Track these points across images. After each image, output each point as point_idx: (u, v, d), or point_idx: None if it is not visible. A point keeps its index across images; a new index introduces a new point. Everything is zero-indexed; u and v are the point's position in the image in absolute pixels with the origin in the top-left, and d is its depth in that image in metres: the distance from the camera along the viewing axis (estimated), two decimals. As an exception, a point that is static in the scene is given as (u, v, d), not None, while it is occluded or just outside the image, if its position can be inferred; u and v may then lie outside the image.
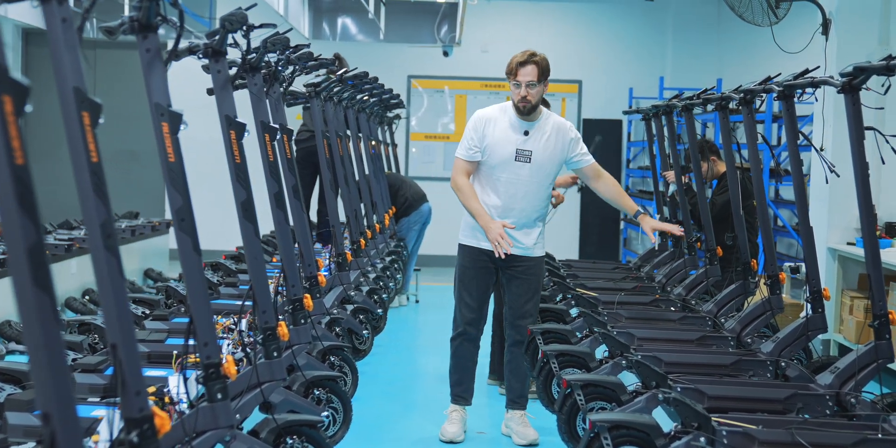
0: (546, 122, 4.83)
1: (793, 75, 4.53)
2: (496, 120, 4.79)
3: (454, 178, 4.81)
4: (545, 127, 4.82)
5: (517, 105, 4.74)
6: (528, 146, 4.76)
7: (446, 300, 9.44)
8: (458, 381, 5.10)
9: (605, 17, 12.76)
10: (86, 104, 2.07)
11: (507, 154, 4.75)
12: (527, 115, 4.77)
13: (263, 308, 3.41)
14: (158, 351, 4.50)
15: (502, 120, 4.79)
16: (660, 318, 5.70)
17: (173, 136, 2.63)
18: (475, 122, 4.81)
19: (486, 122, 4.79)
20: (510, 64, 4.72)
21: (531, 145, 4.77)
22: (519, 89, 4.69)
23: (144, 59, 2.64)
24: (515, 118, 4.79)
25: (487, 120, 4.80)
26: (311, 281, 4.72)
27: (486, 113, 4.84)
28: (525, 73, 4.67)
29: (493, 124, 4.78)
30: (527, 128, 4.79)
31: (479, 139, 4.77)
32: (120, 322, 2.10)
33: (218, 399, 2.84)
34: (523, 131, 4.78)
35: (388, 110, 10.00)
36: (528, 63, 4.68)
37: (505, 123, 4.79)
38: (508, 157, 4.75)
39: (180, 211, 2.68)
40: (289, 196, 4.46)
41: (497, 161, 4.77)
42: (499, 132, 4.77)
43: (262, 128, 4.00)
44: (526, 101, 4.70)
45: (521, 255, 4.86)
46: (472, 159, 4.80)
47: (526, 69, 4.68)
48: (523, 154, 4.76)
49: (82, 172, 2.08)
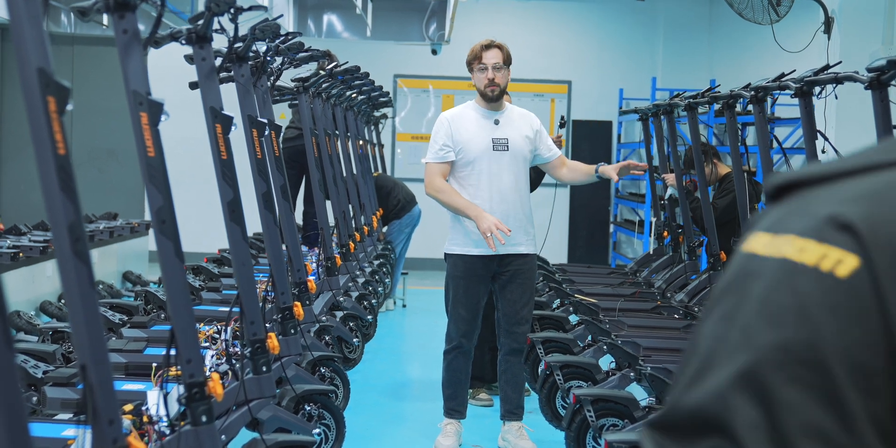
0: (512, 111, 4.74)
1: (812, 71, 4.28)
2: (463, 116, 4.67)
3: (430, 182, 4.58)
4: (512, 115, 4.72)
5: (485, 91, 4.61)
6: (503, 134, 4.63)
7: (433, 304, 9.23)
8: (452, 395, 4.85)
9: (596, 17, 12.53)
10: (51, 88, 1.79)
11: (484, 145, 4.59)
12: (494, 103, 4.65)
13: (252, 319, 3.11)
14: (136, 362, 4.19)
15: (469, 115, 4.67)
16: (664, 327, 5.46)
17: (153, 128, 2.34)
18: (441, 124, 4.66)
19: (451, 120, 4.65)
20: (472, 51, 4.64)
21: (506, 133, 4.64)
22: (485, 73, 4.58)
23: (121, 42, 2.35)
24: (483, 110, 4.67)
25: (453, 118, 4.66)
26: (301, 287, 4.43)
27: (453, 112, 4.72)
28: (490, 56, 4.59)
29: (461, 120, 4.65)
30: (496, 117, 4.67)
31: (448, 138, 4.60)
32: (91, 340, 1.82)
33: (202, 422, 2.54)
34: (494, 121, 4.65)
35: (376, 109, 9.72)
36: (492, 47, 4.62)
37: (473, 117, 4.66)
38: (486, 147, 4.59)
39: (161, 211, 2.38)
40: (276, 196, 4.18)
41: (475, 154, 4.58)
42: (469, 126, 4.63)
43: (250, 122, 3.70)
44: (494, 85, 4.59)
45: (514, 252, 4.61)
46: (445, 160, 4.59)
47: (491, 52, 4.60)
48: (500, 142, 4.61)
49: (47, 166, 1.79)
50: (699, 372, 0.78)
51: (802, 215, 0.83)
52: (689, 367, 0.80)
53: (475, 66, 4.61)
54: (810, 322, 0.76)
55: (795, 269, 0.79)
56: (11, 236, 7.61)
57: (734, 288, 0.83)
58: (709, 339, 0.81)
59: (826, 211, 0.81)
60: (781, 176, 0.89)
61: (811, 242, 0.80)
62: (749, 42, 11.50)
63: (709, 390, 0.77)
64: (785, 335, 0.76)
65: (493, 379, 5.73)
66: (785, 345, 0.76)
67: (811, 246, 0.80)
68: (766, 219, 0.87)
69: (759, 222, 0.87)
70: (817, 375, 0.74)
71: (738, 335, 0.78)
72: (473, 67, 4.63)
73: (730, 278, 0.84)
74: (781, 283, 0.79)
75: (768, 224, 0.85)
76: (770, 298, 0.79)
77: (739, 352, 0.77)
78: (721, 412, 0.75)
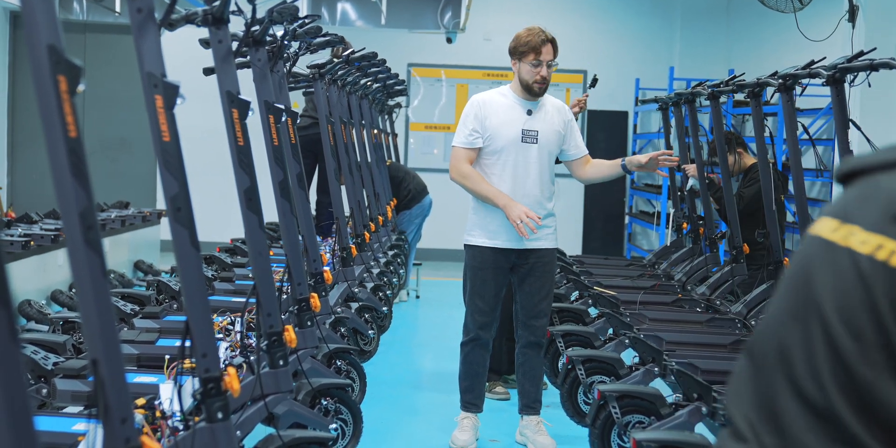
0: (546, 101, 4.57)
1: (844, 58, 4.14)
2: (496, 102, 4.51)
3: (456, 167, 4.44)
4: (546, 106, 4.56)
5: (531, 86, 4.45)
6: (534, 126, 4.48)
7: (447, 296, 9.13)
8: (469, 388, 4.74)
9: (612, 6, 12.37)
10: (62, 66, 1.68)
11: (514, 135, 4.45)
12: (537, 96, 4.49)
13: (268, 311, 3.00)
14: (149, 353, 4.11)
15: (502, 102, 4.51)
16: (686, 320, 5.35)
17: (168, 112, 2.23)
18: (474, 107, 4.48)
19: (485, 105, 4.49)
20: (527, 41, 4.42)
21: (537, 125, 4.49)
22: (540, 68, 4.41)
23: (135, 22, 2.24)
24: (518, 99, 4.50)
25: (487, 103, 4.50)
26: (317, 278, 4.32)
27: (484, 96, 4.55)
28: (548, 52, 4.43)
29: (493, 106, 4.49)
30: (530, 107, 4.51)
31: (479, 124, 4.44)
32: (103, 332, 1.72)
33: (218, 419, 2.44)
34: (527, 111, 4.50)
35: (391, 97, 9.59)
36: (549, 41, 4.44)
37: (506, 105, 4.50)
38: (515, 138, 4.45)
39: (176, 199, 2.27)
40: (293, 185, 4.07)
41: (503, 143, 4.44)
42: (502, 114, 4.48)
43: (266, 108, 3.59)
44: (544, 82, 4.44)
45: (536, 247, 4.50)
46: (474, 146, 4.45)
47: (548, 47, 4.43)
48: (529, 134, 4.47)
49: (58, 150, 1.69)
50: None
51: (867, 203, 0.91)
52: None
53: (528, 59, 4.41)
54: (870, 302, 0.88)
55: (854, 257, 0.89)
56: (23, 224, 7.56)
57: (802, 271, 0.94)
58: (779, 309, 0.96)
59: (888, 201, 0.89)
60: (851, 162, 0.96)
61: (872, 235, 0.88)
62: (768, 31, 11.33)
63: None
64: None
65: (510, 371, 5.62)
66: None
67: (871, 238, 0.88)
68: (836, 205, 0.95)
69: (829, 207, 0.96)
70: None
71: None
72: (525, 59, 4.42)
73: (799, 260, 0.95)
74: (845, 270, 0.89)
75: (836, 210, 0.94)
76: (836, 286, 0.90)
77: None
78: None
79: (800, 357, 0.92)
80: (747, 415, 0.96)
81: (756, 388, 0.96)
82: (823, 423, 0.90)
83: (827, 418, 0.90)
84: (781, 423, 0.92)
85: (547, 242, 4.56)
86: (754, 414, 0.95)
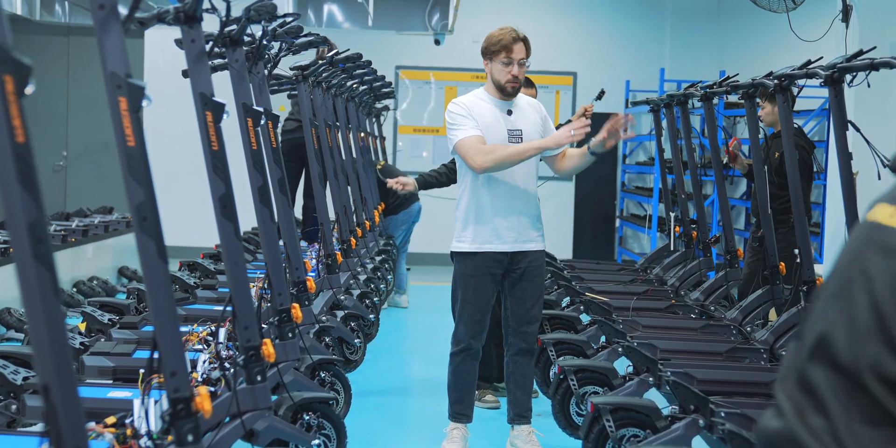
0: (521, 99, 4.48)
1: (843, 58, 4.02)
2: (478, 105, 4.39)
3: (477, 153, 4.20)
4: (522, 104, 4.46)
5: (504, 86, 4.34)
6: (517, 125, 4.39)
7: (437, 301, 8.98)
8: (459, 399, 4.60)
9: (601, 6, 12.25)
10: (8, 65, 1.53)
11: (501, 136, 4.34)
12: (511, 96, 4.39)
13: (245, 323, 2.85)
14: (125, 366, 3.96)
15: (482, 104, 4.39)
16: (680, 327, 5.23)
17: (133, 115, 2.08)
18: (460, 107, 4.36)
19: (470, 106, 4.37)
20: (498, 40, 4.31)
21: (519, 124, 4.39)
22: (511, 67, 4.30)
23: (97, 18, 2.10)
24: (495, 100, 4.40)
25: (470, 105, 4.38)
26: (299, 287, 4.17)
27: (465, 99, 4.43)
28: (520, 50, 4.31)
29: (477, 109, 4.37)
30: (508, 107, 4.41)
31: (473, 120, 4.31)
32: (54, 357, 1.57)
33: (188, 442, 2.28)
34: (507, 111, 4.40)
35: (378, 100, 9.44)
36: (520, 40, 4.33)
37: (487, 107, 4.39)
38: (502, 139, 4.34)
39: (142, 208, 2.13)
40: (274, 190, 3.92)
41: None
42: (486, 116, 4.36)
43: (245, 111, 3.44)
44: (517, 81, 4.34)
45: (529, 249, 4.38)
46: (480, 134, 4.31)
47: (519, 46, 4.32)
48: (514, 134, 4.36)
49: (4, 156, 1.54)
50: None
51: None
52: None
53: (499, 58, 4.30)
54: None
55: None
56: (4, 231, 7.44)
57: (860, 255, 0.99)
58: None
59: None
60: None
61: None
62: (760, 32, 11.23)
63: None
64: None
65: (499, 378, 5.48)
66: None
67: None
68: (891, 192, 1.01)
69: (884, 194, 1.02)
70: None
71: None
72: (495, 58, 4.32)
73: (856, 245, 1.00)
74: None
75: (892, 196, 1.00)
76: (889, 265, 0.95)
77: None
78: None
79: (841, 332, 0.98)
80: (791, 394, 1.01)
81: (798, 366, 1.02)
82: (859, 393, 0.95)
83: (861, 388, 0.95)
84: (821, 399, 0.97)
85: (538, 244, 4.45)
86: (797, 393, 1.00)
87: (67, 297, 7.20)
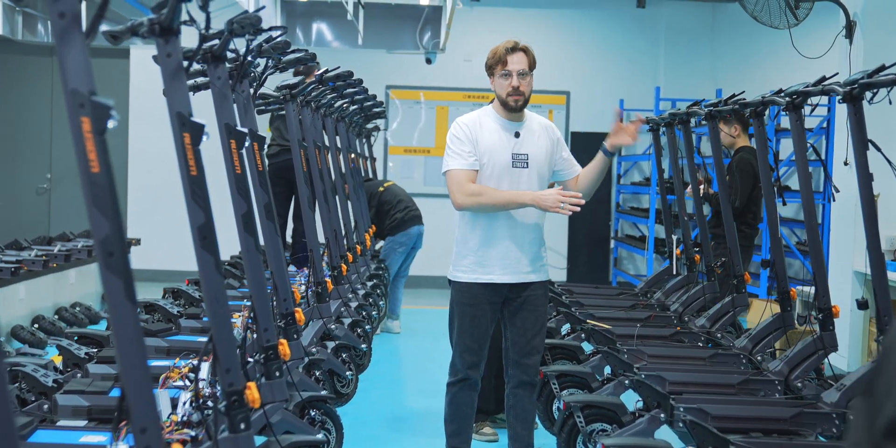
0: (532, 120, 4.21)
1: (864, 74, 3.80)
2: (481, 124, 4.13)
3: (461, 190, 3.99)
4: (533, 126, 4.19)
5: (507, 100, 4.08)
6: (523, 149, 4.12)
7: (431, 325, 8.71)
8: (456, 432, 4.34)
9: (595, 26, 12.07)
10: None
11: (504, 161, 4.08)
12: (516, 114, 4.12)
13: (227, 366, 2.59)
14: (101, 405, 3.69)
15: (488, 124, 4.13)
16: (688, 357, 4.99)
17: (98, 137, 1.84)
18: (462, 129, 4.10)
19: (473, 127, 4.11)
20: (495, 54, 4.09)
21: (526, 148, 4.12)
22: (510, 79, 4.05)
23: (56, 28, 1.85)
24: (502, 120, 4.14)
25: (472, 125, 4.12)
26: (287, 319, 3.91)
27: (470, 118, 4.17)
28: (516, 61, 4.06)
29: (480, 129, 4.11)
30: (516, 129, 4.14)
31: (472, 146, 4.05)
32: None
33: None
34: (514, 133, 4.13)
35: (368, 120, 9.19)
36: (518, 50, 4.09)
37: (493, 127, 4.13)
38: (506, 164, 4.08)
39: (107, 242, 1.87)
40: (260, 217, 3.67)
41: (492, 170, 4.07)
42: (490, 137, 4.10)
43: (227, 132, 3.19)
44: (518, 94, 4.07)
45: (531, 280, 4.12)
46: (473, 168, 4.06)
47: (517, 56, 4.07)
48: (519, 158, 4.10)
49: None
50: None
51: None
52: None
53: (497, 71, 4.08)
54: None
55: None
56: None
57: None
58: None
59: None
60: None
61: None
62: (755, 49, 11.07)
63: None
64: None
65: (498, 410, 5.22)
66: None
67: None
68: None
69: None
70: None
71: None
72: (495, 72, 4.09)
73: None
74: None
75: None
76: None
77: None
78: None
79: None
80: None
81: (875, 443, 0.93)
82: None
83: None
84: None
85: (541, 275, 4.19)
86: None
87: (49, 324, 6.96)
